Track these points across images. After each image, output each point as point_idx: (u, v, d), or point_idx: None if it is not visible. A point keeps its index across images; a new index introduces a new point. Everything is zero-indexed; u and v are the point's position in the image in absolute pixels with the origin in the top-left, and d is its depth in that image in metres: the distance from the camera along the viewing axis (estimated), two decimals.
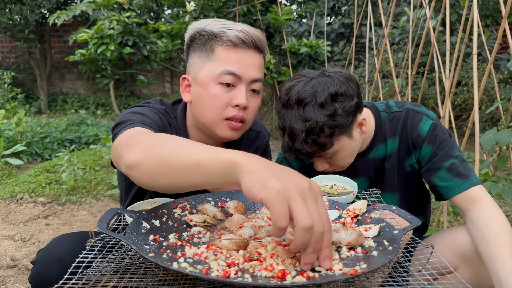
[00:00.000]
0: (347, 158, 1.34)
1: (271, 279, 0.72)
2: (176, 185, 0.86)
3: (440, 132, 1.35)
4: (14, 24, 8.10)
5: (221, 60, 1.22)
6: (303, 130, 1.22)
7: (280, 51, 5.48)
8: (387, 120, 1.42)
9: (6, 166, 4.32)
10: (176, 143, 0.88)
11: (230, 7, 5.06)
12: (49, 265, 1.10)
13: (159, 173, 0.86)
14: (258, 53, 1.27)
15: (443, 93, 4.13)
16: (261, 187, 0.69)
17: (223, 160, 0.78)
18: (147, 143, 0.91)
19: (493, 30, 5.83)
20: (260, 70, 1.27)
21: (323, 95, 1.23)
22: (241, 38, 1.22)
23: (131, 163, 0.90)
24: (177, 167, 0.84)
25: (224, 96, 1.22)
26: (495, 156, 2.93)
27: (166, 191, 0.91)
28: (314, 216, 0.68)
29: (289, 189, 0.69)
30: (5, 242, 2.69)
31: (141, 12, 5.01)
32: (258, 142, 1.47)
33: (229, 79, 1.21)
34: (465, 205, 1.27)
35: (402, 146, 1.41)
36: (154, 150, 0.88)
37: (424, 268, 0.85)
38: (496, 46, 2.12)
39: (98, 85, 8.58)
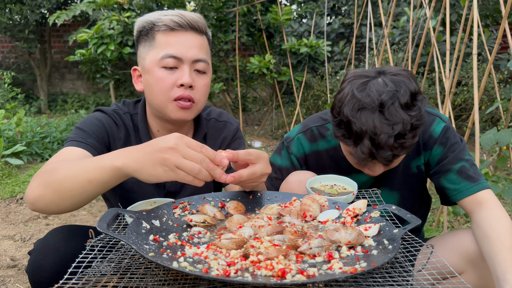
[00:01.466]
0: (400, 159, 1.31)
1: (271, 278, 0.72)
2: (80, 202, 1.04)
3: (452, 135, 1.35)
4: (14, 24, 8.09)
5: (161, 45, 1.29)
6: (392, 134, 1.14)
7: (280, 51, 5.48)
8: None
9: (6, 166, 4.32)
10: (66, 168, 1.03)
11: (230, 7, 5.06)
12: (45, 254, 1.12)
13: (61, 198, 1.02)
14: (198, 34, 1.32)
15: (443, 93, 4.13)
16: (155, 177, 0.92)
17: (108, 168, 0.96)
18: (42, 177, 1.05)
19: (493, 30, 5.83)
20: (202, 51, 1.32)
21: (406, 95, 1.15)
22: (175, 21, 1.29)
23: (34, 198, 1.04)
24: (73, 188, 1.00)
25: (168, 78, 1.28)
26: (495, 156, 2.93)
27: (73, 209, 1.07)
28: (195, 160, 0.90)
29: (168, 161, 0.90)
30: (5, 242, 2.69)
31: (141, 12, 5.01)
32: (225, 132, 1.49)
33: (170, 62, 1.28)
34: (471, 208, 1.27)
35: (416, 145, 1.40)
36: (49, 180, 1.02)
37: (424, 268, 0.85)
38: (496, 46, 2.12)
39: (98, 85, 8.57)
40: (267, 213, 1.06)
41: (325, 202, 1.09)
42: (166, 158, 0.90)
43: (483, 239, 1.17)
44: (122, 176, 0.98)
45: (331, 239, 0.87)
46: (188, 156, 0.90)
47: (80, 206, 1.07)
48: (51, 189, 1.02)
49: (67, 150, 1.22)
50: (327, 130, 1.46)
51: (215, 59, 5.34)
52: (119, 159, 0.96)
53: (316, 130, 1.47)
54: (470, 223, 1.32)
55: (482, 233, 1.18)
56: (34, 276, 1.12)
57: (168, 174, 0.91)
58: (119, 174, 0.97)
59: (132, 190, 1.39)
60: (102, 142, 1.32)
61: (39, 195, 1.04)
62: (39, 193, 1.04)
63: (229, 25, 5.27)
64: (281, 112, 6.16)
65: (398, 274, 0.84)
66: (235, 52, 5.37)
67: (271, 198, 1.16)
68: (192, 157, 0.90)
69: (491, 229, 1.16)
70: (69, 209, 1.07)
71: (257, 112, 7.44)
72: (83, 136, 1.27)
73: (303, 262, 0.82)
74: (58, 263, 1.10)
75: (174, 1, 4.78)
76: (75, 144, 1.24)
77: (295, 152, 1.48)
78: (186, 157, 0.90)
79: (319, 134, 1.47)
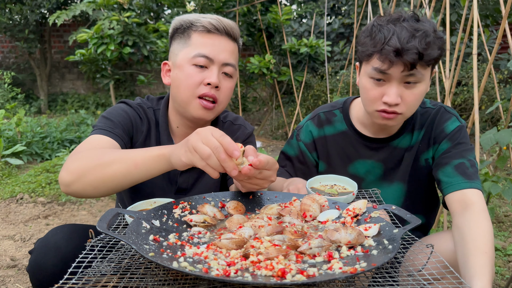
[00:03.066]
0: (418, 99, 1.29)
1: (271, 278, 0.72)
2: (117, 187, 1.11)
3: (462, 135, 1.36)
4: (14, 24, 8.09)
5: (196, 45, 1.34)
6: (417, 34, 1.20)
7: (280, 51, 5.48)
8: (419, 114, 1.44)
9: (6, 166, 4.32)
10: (112, 153, 1.11)
11: (230, 7, 5.06)
12: (45, 252, 1.12)
13: (101, 181, 1.09)
14: (231, 40, 1.38)
15: (443, 93, 4.13)
16: (178, 157, 1.01)
17: (155, 155, 1.06)
18: (82, 159, 1.12)
19: (493, 30, 5.83)
20: (232, 56, 1.38)
21: (430, 22, 1.25)
22: (213, 24, 1.34)
23: (71, 180, 1.11)
24: (118, 171, 1.08)
25: (197, 75, 1.33)
26: (495, 156, 2.93)
27: (107, 194, 1.15)
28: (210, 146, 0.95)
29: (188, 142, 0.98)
30: (5, 242, 2.69)
31: (141, 12, 5.01)
32: (238, 133, 1.54)
33: (202, 61, 1.33)
34: (456, 207, 1.24)
35: (424, 139, 1.42)
36: (92, 163, 1.10)
37: (424, 268, 0.85)
38: (496, 46, 2.12)
39: (98, 85, 8.58)
40: (267, 213, 1.06)
41: (325, 202, 1.09)
42: (188, 139, 0.99)
43: (458, 241, 1.13)
44: (165, 164, 1.06)
45: (331, 239, 0.87)
46: (205, 141, 0.95)
47: (117, 191, 1.14)
48: (94, 172, 1.09)
49: (95, 138, 1.26)
50: (334, 116, 1.51)
51: None
52: (164, 149, 1.07)
53: (323, 115, 1.52)
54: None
55: (459, 236, 1.14)
56: (35, 275, 1.12)
57: (187, 155, 0.98)
58: (162, 161, 1.06)
59: (144, 183, 1.40)
60: (127, 133, 1.36)
61: (78, 176, 1.10)
62: (79, 174, 1.10)
63: None
64: (281, 112, 6.16)
65: (398, 274, 0.84)
66: None
67: (271, 198, 1.17)
68: (208, 142, 0.95)
69: (469, 233, 1.11)
70: (104, 193, 1.13)
71: (257, 112, 7.45)
72: (110, 126, 1.32)
73: (303, 262, 0.82)
74: (59, 262, 1.10)
75: (174, 1, 4.78)
76: (103, 133, 1.28)
77: (304, 138, 1.53)
78: (204, 141, 0.95)
79: (326, 120, 1.52)
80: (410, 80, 1.25)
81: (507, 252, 2.50)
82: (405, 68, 1.22)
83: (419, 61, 1.21)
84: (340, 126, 1.50)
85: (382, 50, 1.22)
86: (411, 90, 1.27)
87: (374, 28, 1.27)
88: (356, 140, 1.47)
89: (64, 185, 1.13)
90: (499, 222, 3.01)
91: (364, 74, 1.32)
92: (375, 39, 1.25)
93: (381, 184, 1.47)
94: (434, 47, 1.22)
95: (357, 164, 1.48)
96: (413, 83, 1.26)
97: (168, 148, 1.06)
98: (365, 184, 1.48)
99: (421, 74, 1.25)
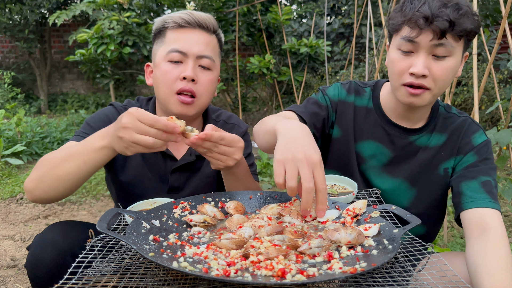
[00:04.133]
0: (446, 75, 1.22)
1: (271, 278, 0.72)
2: (76, 184, 1.16)
3: (489, 151, 1.32)
4: (14, 24, 8.09)
5: (170, 41, 1.35)
6: (448, 4, 1.16)
7: (280, 51, 5.48)
8: (442, 116, 1.39)
9: (6, 166, 4.32)
10: (61, 155, 1.16)
11: (230, 7, 5.06)
12: (43, 247, 1.14)
13: (59, 181, 1.14)
14: (206, 32, 1.38)
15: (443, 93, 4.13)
16: (124, 153, 1.06)
17: (98, 148, 1.11)
18: (39, 166, 1.19)
19: (493, 30, 5.83)
20: (208, 48, 1.37)
21: (466, 2, 1.20)
22: (184, 18, 1.35)
23: (33, 186, 1.17)
24: (71, 170, 1.13)
25: (172, 71, 1.33)
26: (495, 156, 2.93)
27: (69, 193, 1.19)
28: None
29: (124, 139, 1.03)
30: (5, 242, 2.69)
31: (141, 12, 5.01)
32: (233, 133, 1.49)
33: (176, 56, 1.33)
34: (473, 229, 1.16)
35: (448, 147, 1.36)
36: (47, 167, 1.16)
37: (424, 268, 0.85)
38: (496, 46, 2.12)
39: (98, 85, 8.57)
40: (267, 213, 1.06)
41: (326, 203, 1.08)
42: (121, 137, 1.02)
43: (472, 273, 1.06)
44: (110, 153, 1.12)
45: (331, 239, 0.87)
46: (142, 132, 1.00)
47: (76, 188, 1.19)
48: (49, 174, 1.15)
49: (69, 144, 1.30)
50: (364, 92, 1.46)
51: None
52: (104, 140, 1.10)
53: (355, 84, 1.48)
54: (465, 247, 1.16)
55: (473, 267, 1.06)
56: (32, 270, 1.14)
57: (129, 150, 1.04)
58: (107, 152, 1.12)
59: (133, 184, 1.42)
60: None
61: (37, 181, 1.16)
62: (38, 180, 1.16)
63: (229, 25, 5.27)
64: None
65: (398, 274, 0.84)
66: (235, 52, 5.37)
67: (271, 198, 1.17)
68: (145, 132, 1.00)
69: (484, 265, 1.03)
70: (66, 192, 1.19)
71: (257, 112, 7.44)
72: (88, 132, 1.34)
73: (303, 262, 0.82)
74: (56, 257, 1.12)
75: (174, 1, 4.78)
76: (78, 139, 1.32)
77: (331, 95, 1.46)
78: (140, 132, 1.00)
79: (356, 90, 1.46)
80: (439, 52, 1.19)
81: None
82: (435, 36, 1.16)
83: (450, 31, 1.15)
84: (366, 102, 1.44)
85: (412, 18, 1.18)
86: (439, 63, 1.20)
87: (406, 2, 1.23)
88: (376, 120, 1.41)
89: (28, 192, 1.19)
90: None
91: (392, 47, 1.28)
92: (405, 11, 1.21)
93: (381, 174, 1.41)
94: (467, 19, 1.16)
95: (366, 143, 1.41)
96: (442, 56, 1.20)
97: (106, 138, 1.10)
98: (364, 167, 1.42)
99: (452, 47, 1.18)
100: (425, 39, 1.18)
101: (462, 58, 1.27)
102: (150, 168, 1.42)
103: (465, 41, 1.21)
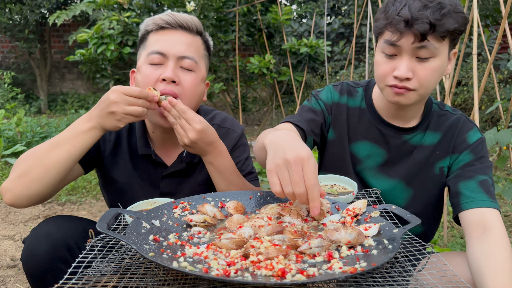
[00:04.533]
0: (431, 75, 1.22)
1: (271, 278, 0.72)
2: (64, 171, 1.17)
3: (484, 148, 1.32)
4: (14, 24, 8.09)
5: (150, 44, 1.34)
6: (429, 5, 1.14)
7: (280, 51, 5.48)
8: (436, 114, 1.38)
9: (6, 166, 4.31)
10: (46, 144, 1.18)
11: (230, 7, 5.06)
12: (37, 240, 1.15)
13: (46, 170, 1.14)
14: (188, 33, 1.35)
15: (443, 93, 4.13)
16: (117, 127, 1.18)
17: (87, 130, 1.17)
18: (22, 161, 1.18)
19: (493, 30, 5.83)
20: (190, 49, 1.33)
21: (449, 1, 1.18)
22: (164, 19, 1.33)
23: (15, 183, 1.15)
24: (59, 156, 1.15)
25: (153, 73, 1.30)
26: (495, 156, 2.93)
27: (56, 183, 1.18)
28: None
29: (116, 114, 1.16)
30: (5, 242, 2.69)
31: (141, 12, 5.00)
32: (226, 141, 1.47)
33: (155, 58, 1.30)
34: (474, 229, 1.15)
35: (442, 145, 1.36)
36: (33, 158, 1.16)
37: (424, 268, 0.85)
38: (496, 46, 2.12)
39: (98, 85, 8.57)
40: (267, 213, 1.06)
41: (327, 205, 1.08)
42: (113, 112, 1.14)
43: (475, 274, 1.05)
44: (99, 133, 1.19)
45: (331, 239, 0.87)
46: (130, 103, 1.14)
47: (62, 175, 1.18)
48: (35, 166, 1.14)
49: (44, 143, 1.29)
50: (356, 92, 1.46)
51: (215, 59, 5.33)
52: (91, 122, 1.17)
53: (346, 85, 1.48)
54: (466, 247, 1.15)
55: (476, 267, 1.06)
56: (27, 263, 1.15)
57: (122, 122, 1.16)
58: (96, 132, 1.18)
59: (124, 191, 1.42)
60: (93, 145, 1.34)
61: (19, 179, 1.14)
62: (19, 177, 1.14)
63: (229, 25, 5.26)
64: (281, 112, 6.16)
65: (398, 274, 0.84)
66: (235, 52, 5.37)
67: (271, 198, 1.17)
68: (133, 103, 1.15)
69: (486, 266, 1.03)
70: (52, 183, 1.16)
71: (257, 112, 7.44)
72: None
73: (303, 262, 0.82)
74: (50, 248, 1.13)
75: (174, 1, 4.78)
76: None
77: (325, 98, 1.46)
78: (129, 104, 1.14)
79: (348, 91, 1.47)
80: (422, 54, 1.18)
81: None
82: (416, 39, 1.16)
83: (431, 33, 1.15)
84: (359, 102, 1.44)
85: (392, 21, 1.18)
86: (423, 64, 1.20)
87: (388, 3, 1.22)
88: (370, 120, 1.41)
89: (7, 191, 1.14)
90: None
91: (377, 50, 1.28)
92: (387, 13, 1.21)
93: (377, 174, 1.40)
94: (450, 19, 1.15)
95: (361, 144, 1.41)
96: (426, 58, 1.19)
97: (91, 120, 1.17)
98: (360, 168, 1.42)
99: (435, 48, 1.17)
100: (407, 43, 1.18)
101: (450, 56, 1.26)
102: (141, 175, 1.41)
103: (450, 40, 1.21)
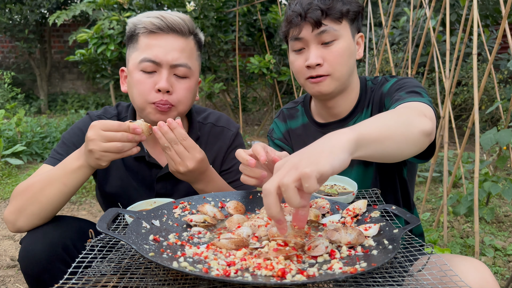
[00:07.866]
0: (340, 56, 1.29)
1: (271, 278, 0.72)
2: (59, 206, 1.18)
3: (402, 80, 1.31)
4: (14, 24, 8.09)
5: (142, 48, 1.28)
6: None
7: (280, 51, 5.48)
8: (370, 90, 1.43)
9: (6, 166, 4.31)
10: (40, 181, 1.17)
11: (230, 7, 5.06)
12: (34, 239, 1.16)
13: (41, 207, 1.16)
14: (181, 36, 1.30)
15: (443, 93, 4.13)
16: (100, 166, 1.14)
17: (76, 169, 1.15)
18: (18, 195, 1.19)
19: (493, 30, 5.83)
20: (184, 54, 1.29)
21: None
22: (155, 24, 1.27)
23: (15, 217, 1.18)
24: (52, 194, 1.15)
25: (146, 81, 1.27)
26: (495, 156, 2.93)
27: (53, 215, 1.20)
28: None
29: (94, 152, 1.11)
30: (5, 242, 2.69)
31: (141, 12, 5.01)
32: (221, 140, 1.47)
33: (148, 66, 1.27)
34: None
35: (374, 112, 1.40)
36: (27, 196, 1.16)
37: (424, 268, 0.84)
38: (496, 46, 2.12)
39: (98, 85, 8.57)
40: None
41: (326, 205, 1.08)
42: (91, 150, 1.09)
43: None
44: (88, 171, 1.17)
45: (331, 239, 0.87)
46: (108, 139, 1.07)
47: (59, 209, 1.20)
48: (30, 203, 1.16)
49: (43, 169, 1.31)
50: (296, 111, 1.56)
51: (215, 59, 5.33)
52: (80, 160, 1.15)
53: (286, 111, 1.59)
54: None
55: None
56: (24, 263, 1.15)
57: (102, 160, 1.10)
58: (85, 171, 1.16)
59: (118, 195, 1.41)
60: None
61: (18, 212, 1.16)
62: (18, 210, 1.16)
63: (229, 25, 5.26)
64: None
65: (398, 274, 0.84)
66: (235, 52, 5.37)
67: None
68: (111, 138, 1.07)
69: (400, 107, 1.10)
70: (50, 216, 1.19)
71: (257, 112, 7.44)
72: (63, 152, 1.34)
73: (303, 262, 0.82)
74: (46, 247, 1.14)
75: (174, 1, 4.78)
76: (51, 162, 1.33)
77: (276, 136, 1.58)
78: (106, 140, 1.07)
79: (289, 115, 1.57)
80: (325, 38, 1.28)
81: (507, 252, 2.50)
82: (313, 26, 1.27)
83: (325, 17, 1.26)
84: (302, 120, 1.54)
85: (291, 20, 1.29)
86: (329, 48, 1.30)
87: (287, 9, 1.34)
88: (315, 130, 1.49)
89: (10, 224, 1.19)
90: (499, 222, 3.01)
91: (290, 52, 1.38)
92: (286, 16, 1.33)
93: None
94: (339, 2, 1.27)
95: None
96: (330, 42, 1.29)
97: (80, 158, 1.15)
98: None
99: (334, 30, 1.28)
100: (307, 33, 1.29)
101: (358, 40, 1.37)
102: (135, 178, 1.40)
103: (349, 22, 1.31)
